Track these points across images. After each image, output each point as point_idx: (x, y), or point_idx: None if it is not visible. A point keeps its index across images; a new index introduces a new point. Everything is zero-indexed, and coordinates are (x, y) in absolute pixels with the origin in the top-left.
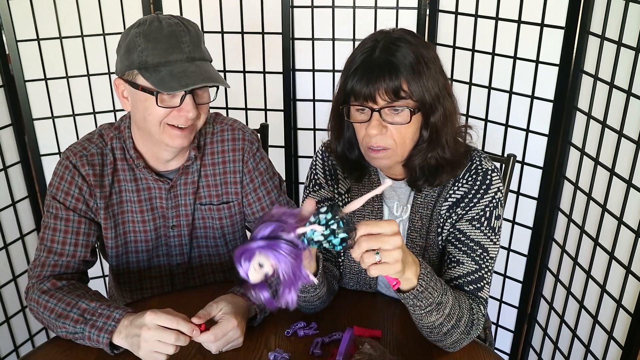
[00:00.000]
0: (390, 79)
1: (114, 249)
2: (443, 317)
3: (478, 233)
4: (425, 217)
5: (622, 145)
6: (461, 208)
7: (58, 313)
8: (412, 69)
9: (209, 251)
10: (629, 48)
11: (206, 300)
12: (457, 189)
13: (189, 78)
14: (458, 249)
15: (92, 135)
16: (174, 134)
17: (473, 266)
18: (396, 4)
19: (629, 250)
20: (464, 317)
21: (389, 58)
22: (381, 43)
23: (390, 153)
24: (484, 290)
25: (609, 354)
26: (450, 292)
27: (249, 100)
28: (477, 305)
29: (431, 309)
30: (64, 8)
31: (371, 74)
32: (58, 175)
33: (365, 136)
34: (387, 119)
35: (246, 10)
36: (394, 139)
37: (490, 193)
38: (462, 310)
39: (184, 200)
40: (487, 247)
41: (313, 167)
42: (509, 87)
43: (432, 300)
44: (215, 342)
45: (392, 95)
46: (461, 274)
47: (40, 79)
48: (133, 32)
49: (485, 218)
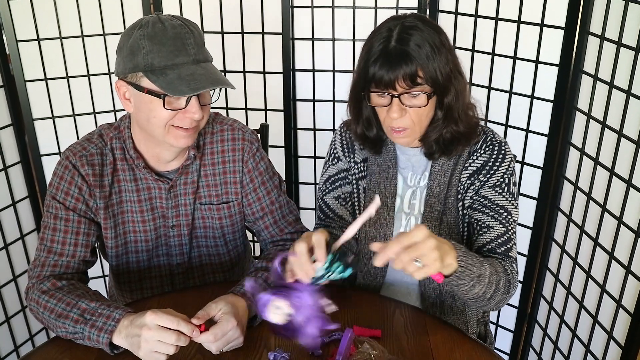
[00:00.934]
0: (407, 65)
1: (114, 249)
2: (485, 286)
3: (501, 198)
4: (443, 183)
5: (622, 145)
6: (483, 175)
7: (58, 313)
8: (426, 57)
9: (209, 251)
10: (629, 48)
11: (206, 300)
12: (476, 159)
13: (198, 81)
14: (486, 215)
15: (91, 135)
16: (179, 135)
17: (501, 229)
18: (396, 4)
19: (628, 250)
20: (502, 280)
21: (404, 49)
22: (395, 32)
23: (409, 132)
24: (513, 250)
25: (608, 354)
26: (486, 261)
27: (249, 100)
28: (510, 265)
29: (474, 282)
30: (64, 8)
31: (390, 64)
32: (58, 175)
33: (386, 118)
34: (406, 103)
35: (246, 10)
36: (412, 120)
37: (506, 161)
38: (499, 275)
39: (183, 200)
40: (510, 210)
41: (332, 142)
42: (509, 87)
43: (473, 275)
44: (215, 342)
45: (409, 83)
46: (492, 238)
47: (41, 79)
48: (137, 34)
49: (505, 184)
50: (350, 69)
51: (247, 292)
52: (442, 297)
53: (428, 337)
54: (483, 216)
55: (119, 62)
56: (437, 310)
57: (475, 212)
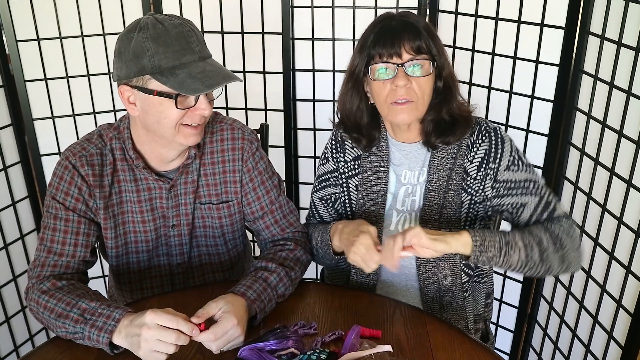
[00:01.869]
0: (413, 36)
1: (114, 249)
2: (522, 251)
3: (520, 173)
4: (442, 178)
5: (622, 145)
6: (492, 162)
7: (58, 313)
8: (428, 29)
9: (209, 250)
10: (629, 48)
11: (206, 300)
12: (478, 149)
13: (211, 78)
14: (515, 195)
15: (91, 135)
16: (188, 133)
17: (535, 199)
18: (396, 4)
19: (629, 250)
20: (545, 239)
21: (408, 20)
22: (394, 16)
23: (412, 106)
24: (557, 209)
25: (608, 354)
26: (514, 230)
27: (249, 100)
28: (557, 225)
29: (504, 250)
30: (64, 8)
31: (394, 34)
32: (57, 176)
33: (390, 92)
34: (409, 74)
35: (246, 10)
36: (416, 92)
37: (507, 143)
38: (538, 236)
39: (184, 200)
40: (534, 179)
41: (327, 143)
42: (509, 87)
43: (498, 245)
44: (215, 341)
45: (415, 50)
46: (531, 212)
47: (41, 79)
48: (138, 37)
49: (516, 159)
50: None
51: (247, 292)
52: (441, 292)
53: (428, 337)
54: (513, 198)
55: (120, 67)
56: (436, 305)
57: (503, 198)
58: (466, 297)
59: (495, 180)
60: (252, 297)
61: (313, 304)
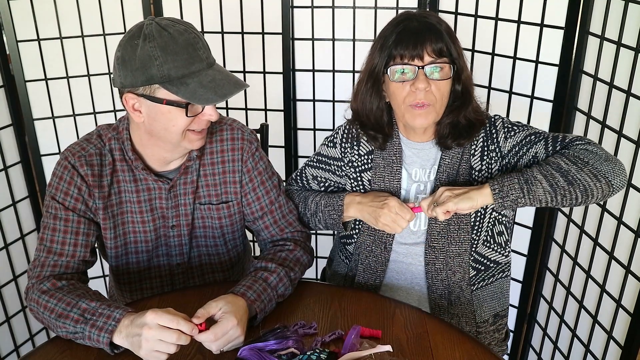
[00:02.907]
0: (435, 39)
1: (114, 249)
2: (544, 181)
3: (523, 133)
4: (452, 175)
5: (621, 146)
6: (491, 145)
7: (58, 313)
8: (449, 31)
9: (209, 251)
10: (629, 48)
11: (206, 300)
12: (476, 141)
13: (222, 87)
14: (524, 154)
15: (90, 135)
16: (194, 138)
17: (542, 144)
18: (396, 4)
19: (628, 250)
20: (563, 161)
21: (430, 22)
22: (416, 16)
23: (430, 109)
24: (567, 137)
25: (608, 354)
26: (531, 167)
27: (249, 100)
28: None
29: (526, 188)
30: (64, 8)
31: (417, 36)
32: (57, 176)
33: (409, 94)
34: (430, 76)
35: (246, 10)
36: (434, 95)
37: (498, 122)
38: (556, 160)
39: (183, 200)
40: (533, 131)
41: (338, 128)
42: (508, 87)
43: (518, 186)
44: (215, 342)
45: (437, 53)
46: (542, 153)
47: (41, 79)
48: (145, 45)
49: (509, 127)
50: (350, 69)
51: (247, 292)
52: (450, 288)
53: (428, 337)
54: (524, 157)
55: (124, 75)
56: (444, 302)
57: (519, 159)
58: (474, 291)
59: (502, 157)
60: (252, 297)
61: (313, 304)
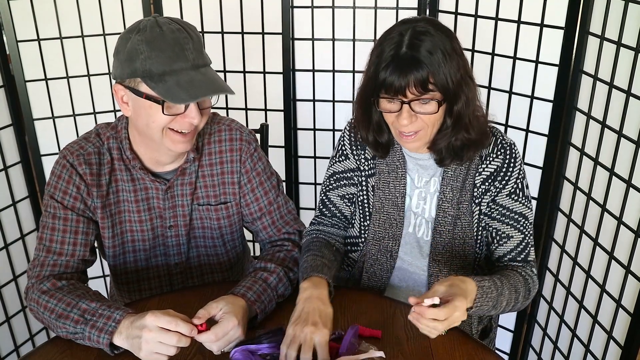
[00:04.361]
0: (418, 74)
1: (112, 248)
2: (503, 306)
3: (518, 205)
4: (456, 188)
5: (621, 146)
6: (498, 182)
7: (58, 313)
8: (438, 63)
9: (207, 251)
10: (629, 48)
11: (206, 301)
12: (490, 163)
13: (197, 89)
14: (505, 224)
15: (89, 134)
16: (177, 139)
17: (520, 237)
18: (396, 4)
19: (628, 250)
20: (521, 292)
21: (415, 55)
22: (407, 37)
23: (420, 135)
24: (530, 254)
25: (608, 354)
26: (506, 285)
27: (249, 100)
28: (530, 270)
29: (489, 308)
30: (64, 8)
31: (400, 70)
32: (55, 175)
33: (395, 122)
34: (416, 109)
35: (246, 10)
36: (424, 122)
37: (517, 165)
38: (518, 290)
39: (181, 201)
40: (527, 215)
41: (341, 139)
42: (508, 87)
43: (486, 308)
44: (216, 342)
45: (420, 89)
46: (512, 247)
47: (41, 79)
48: (135, 38)
49: (519, 189)
50: (350, 69)
51: (247, 293)
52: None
53: (428, 337)
54: (502, 225)
55: (116, 65)
56: None
57: (494, 221)
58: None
59: (493, 201)
60: (253, 298)
61: None
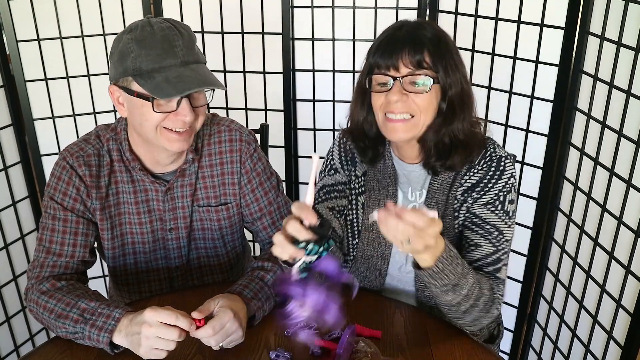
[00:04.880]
0: (414, 49)
1: (111, 249)
2: (460, 298)
3: (493, 217)
4: (441, 202)
5: (621, 146)
6: (476, 192)
7: (58, 313)
8: (435, 44)
9: (208, 253)
10: (629, 48)
11: (205, 301)
12: (473, 175)
13: (185, 83)
14: (475, 233)
15: (89, 136)
16: (172, 138)
17: (490, 248)
18: (396, 4)
19: (628, 250)
20: (483, 297)
21: (414, 32)
22: (407, 25)
23: (411, 124)
24: (501, 272)
25: (608, 354)
26: (472, 275)
27: (249, 100)
28: (496, 285)
29: (446, 289)
30: (64, 8)
31: (395, 45)
32: (55, 176)
33: (383, 104)
34: (408, 89)
35: (246, 10)
36: (416, 105)
37: (503, 178)
38: (482, 291)
39: (181, 203)
40: (503, 230)
41: (330, 153)
42: (508, 87)
43: (447, 282)
44: (214, 336)
45: (415, 64)
46: (479, 256)
47: (41, 79)
48: (125, 38)
49: (499, 202)
50: (350, 69)
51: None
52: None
53: (428, 337)
54: (472, 234)
55: (111, 67)
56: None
57: (465, 229)
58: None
59: (468, 210)
60: (249, 295)
61: None
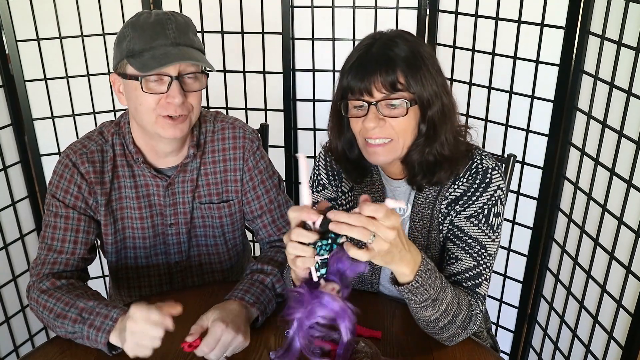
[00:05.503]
0: (387, 71)
1: (113, 244)
2: (439, 313)
3: (476, 230)
4: (426, 216)
5: (622, 145)
6: (459, 205)
7: (57, 313)
8: (409, 62)
9: (209, 250)
10: (629, 48)
11: (205, 300)
12: (457, 187)
13: (168, 58)
14: (456, 246)
15: (92, 133)
16: (166, 124)
17: (471, 263)
18: (396, 4)
19: (629, 250)
20: (462, 314)
21: (385, 52)
22: (378, 41)
23: (390, 147)
24: (482, 287)
25: (609, 354)
26: (450, 289)
27: (249, 100)
28: (475, 302)
29: (426, 304)
30: (64, 8)
31: (367, 68)
32: (57, 174)
33: (362, 129)
34: (384, 112)
35: (246, 10)
36: (394, 129)
37: (489, 191)
38: (461, 307)
39: (182, 199)
40: (485, 244)
41: (316, 168)
42: (509, 87)
43: (427, 297)
44: (212, 352)
45: (388, 88)
46: (459, 270)
47: (40, 79)
48: (124, 26)
49: (483, 215)
50: None
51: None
52: None
53: (428, 337)
54: (453, 246)
55: (113, 57)
56: None
57: (447, 241)
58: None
59: (451, 223)
60: (251, 300)
61: None
